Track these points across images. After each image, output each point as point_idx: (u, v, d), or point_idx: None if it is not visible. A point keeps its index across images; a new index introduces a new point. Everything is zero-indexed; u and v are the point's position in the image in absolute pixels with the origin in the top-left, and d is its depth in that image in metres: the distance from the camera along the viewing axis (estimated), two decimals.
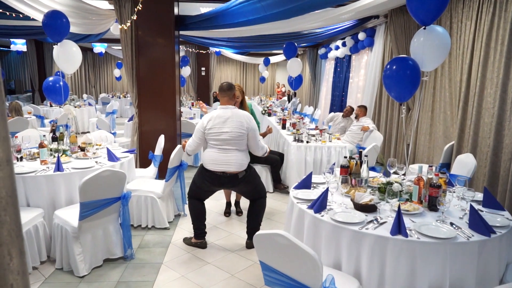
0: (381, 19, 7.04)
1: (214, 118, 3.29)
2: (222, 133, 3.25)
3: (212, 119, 3.29)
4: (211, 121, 3.28)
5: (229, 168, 3.29)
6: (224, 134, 3.24)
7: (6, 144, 0.76)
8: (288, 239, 1.76)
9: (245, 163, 3.37)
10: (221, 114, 3.29)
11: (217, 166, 3.29)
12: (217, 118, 3.28)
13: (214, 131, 3.27)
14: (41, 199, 3.24)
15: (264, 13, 4.83)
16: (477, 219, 2.14)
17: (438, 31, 3.10)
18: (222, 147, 3.28)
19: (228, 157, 3.28)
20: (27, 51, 13.02)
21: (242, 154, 3.33)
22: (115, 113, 10.34)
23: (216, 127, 3.26)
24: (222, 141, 3.26)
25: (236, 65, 19.73)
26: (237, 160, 3.29)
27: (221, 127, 3.25)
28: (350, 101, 9.11)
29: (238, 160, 3.30)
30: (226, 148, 3.28)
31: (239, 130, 3.24)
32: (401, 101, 3.28)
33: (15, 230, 0.80)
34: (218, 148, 3.29)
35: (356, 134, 6.26)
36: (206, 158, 3.35)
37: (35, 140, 4.52)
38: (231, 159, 3.28)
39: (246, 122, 3.28)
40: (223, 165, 3.28)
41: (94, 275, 3.06)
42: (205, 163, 3.36)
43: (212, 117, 3.30)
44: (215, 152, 3.30)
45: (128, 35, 5.48)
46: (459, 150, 4.58)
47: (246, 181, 3.42)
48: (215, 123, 3.27)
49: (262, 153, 3.45)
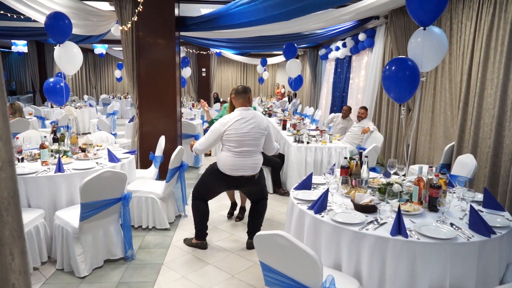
0: (381, 20, 7.05)
1: (235, 119, 3.25)
2: (244, 134, 3.23)
3: (232, 120, 3.24)
4: (231, 122, 3.23)
5: (246, 172, 3.32)
6: (246, 135, 3.24)
7: (8, 145, 0.77)
8: (288, 239, 1.76)
9: (261, 164, 3.45)
10: (244, 115, 3.28)
11: (235, 171, 3.29)
12: (239, 119, 3.24)
13: (235, 132, 3.22)
14: (42, 200, 3.25)
15: (266, 14, 4.84)
16: (477, 220, 2.14)
17: (436, 32, 3.11)
18: (240, 150, 3.24)
19: (246, 161, 3.29)
20: (28, 52, 13.05)
21: (259, 156, 3.40)
22: (116, 114, 10.36)
23: (239, 128, 3.23)
24: (241, 143, 3.23)
25: (236, 66, 19.75)
26: (254, 163, 3.34)
27: (243, 127, 3.23)
28: (350, 101, 9.11)
29: (255, 163, 3.36)
30: (244, 150, 3.25)
31: (259, 131, 3.29)
32: (400, 102, 3.29)
33: (17, 230, 0.81)
34: (235, 151, 3.25)
35: (356, 135, 6.26)
36: (224, 163, 3.30)
37: (36, 141, 4.52)
38: (248, 163, 3.30)
39: (265, 123, 3.38)
40: (241, 169, 3.29)
41: (95, 275, 3.07)
42: (223, 168, 3.31)
43: (230, 119, 3.26)
44: (232, 156, 3.26)
45: (129, 36, 5.49)
46: (460, 151, 4.58)
47: (258, 181, 3.49)
48: (237, 124, 3.23)
49: (275, 152, 3.59)
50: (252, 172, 3.35)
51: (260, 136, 3.32)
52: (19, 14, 5.58)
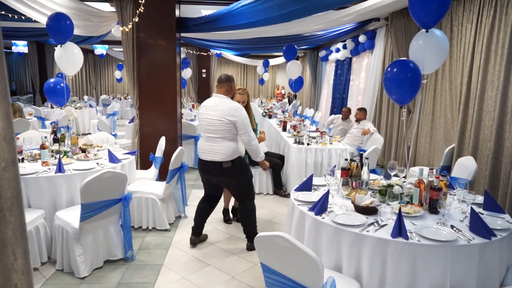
0: (382, 22, 7.06)
1: (203, 105, 3.43)
2: (206, 120, 3.33)
3: (202, 105, 3.44)
4: (200, 107, 3.45)
5: (214, 157, 3.33)
6: (208, 120, 3.31)
7: (12, 145, 0.77)
8: (289, 241, 1.76)
9: (232, 154, 3.32)
10: (212, 101, 3.37)
11: (205, 155, 3.38)
12: (206, 106, 3.39)
13: (201, 117, 3.39)
14: (42, 200, 3.25)
15: (266, 15, 4.85)
16: (478, 222, 2.14)
17: (437, 34, 3.11)
18: (209, 136, 3.34)
19: (214, 146, 3.33)
20: (29, 52, 13.05)
21: (229, 144, 3.31)
22: (116, 114, 10.36)
23: (203, 114, 3.37)
24: (207, 130, 3.34)
25: (236, 67, 19.76)
26: (221, 150, 3.31)
27: (207, 114, 3.33)
28: (350, 103, 9.12)
29: (223, 150, 3.31)
30: (212, 137, 3.33)
31: (220, 119, 3.26)
32: (401, 104, 3.29)
33: (19, 230, 0.81)
34: (206, 137, 3.38)
35: (356, 137, 6.26)
36: (198, 147, 3.48)
37: (37, 142, 4.52)
38: (216, 149, 3.32)
39: (232, 114, 3.25)
40: (210, 154, 3.35)
41: (95, 276, 3.06)
42: (198, 152, 3.47)
43: (203, 105, 3.44)
44: (203, 141, 3.41)
45: (129, 37, 5.49)
46: (460, 153, 4.59)
47: (231, 174, 3.38)
48: (203, 109, 3.40)
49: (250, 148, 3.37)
50: (220, 159, 3.32)
51: (220, 125, 3.26)
52: (20, 14, 5.58)
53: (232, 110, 3.26)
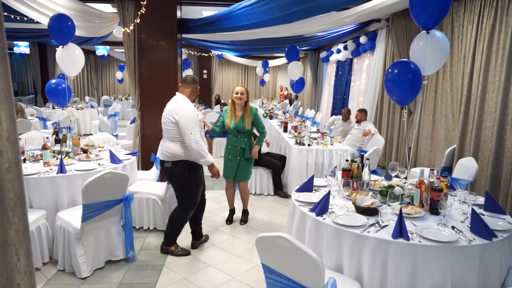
0: (383, 23, 7.06)
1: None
2: (162, 118, 3.37)
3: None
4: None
5: (160, 155, 3.42)
6: (162, 119, 3.36)
7: (15, 146, 0.77)
8: (290, 241, 1.76)
9: (172, 155, 3.26)
10: (170, 101, 3.38)
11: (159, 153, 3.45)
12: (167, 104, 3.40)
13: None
14: (44, 200, 3.26)
15: (267, 16, 4.85)
16: (479, 223, 2.15)
17: (438, 35, 3.12)
18: (163, 133, 3.39)
19: (161, 143, 3.43)
20: (30, 53, 13.08)
21: (172, 145, 3.27)
22: (117, 115, 10.37)
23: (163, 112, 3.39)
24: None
25: (238, 68, 19.77)
26: (163, 149, 3.35)
27: (163, 112, 3.37)
28: (351, 104, 9.11)
29: (165, 149, 3.34)
30: (164, 135, 3.39)
31: (166, 118, 3.29)
32: (402, 105, 3.29)
33: (22, 231, 0.81)
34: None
35: (357, 138, 6.26)
36: None
37: (38, 142, 4.54)
38: (162, 147, 3.40)
39: (176, 113, 3.19)
40: (159, 150, 3.42)
41: (96, 276, 3.07)
42: None
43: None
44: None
45: (131, 38, 5.51)
46: (461, 154, 4.58)
47: (169, 176, 3.39)
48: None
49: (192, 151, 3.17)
50: (162, 158, 3.38)
51: (165, 123, 3.30)
52: (22, 15, 5.60)
53: (177, 109, 3.20)
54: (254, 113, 4.05)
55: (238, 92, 3.93)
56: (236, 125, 4.00)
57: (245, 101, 3.99)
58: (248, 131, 4.04)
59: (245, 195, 4.29)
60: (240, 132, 4.02)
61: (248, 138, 4.07)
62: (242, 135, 4.04)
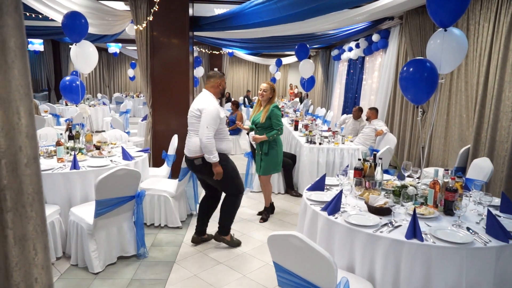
0: (396, 21, 6.97)
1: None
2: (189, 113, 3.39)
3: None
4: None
5: (186, 151, 3.41)
6: (188, 114, 3.38)
7: (34, 142, 0.78)
8: (303, 240, 1.75)
9: (196, 149, 3.28)
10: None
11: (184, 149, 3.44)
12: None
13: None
14: (57, 196, 3.30)
15: (280, 14, 4.84)
16: (495, 224, 2.10)
17: (456, 33, 3.06)
18: (188, 129, 3.40)
19: (187, 140, 3.40)
20: (44, 51, 13.27)
21: (194, 139, 3.31)
22: (129, 112, 10.47)
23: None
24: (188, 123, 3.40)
25: (248, 66, 19.77)
26: (190, 145, 3.34)
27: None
28: (363, 103, 9.04)
29: (189, 145, 3.34)
30: (189, 129, 3.39)
31: (192, 112, 3.31)
32: (417, 104, 3.24)
33: (40, 225, 0.82)
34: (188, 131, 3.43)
35: (368, 136, 6.21)
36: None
37: (52, 139, 4.60)
38: (188, 143, 3.38)
39: (201, 105, 3.24)
40: (186, 148, 3.40)
41: (108, 272, 3.10)
42: None
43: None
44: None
45: (143, 36, 5.54)
46: (475, 154, 4.51)
47: (203, 173, 3.39)
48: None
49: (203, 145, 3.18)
50: (189, 154, 3.36)
51: (191, 117, 3.32)
52: (37, 13, 5.68)
53: (203, 102, 3.27)
54: (271, 109, 4.06)
55: (261, 89, 4.12)
56: (254, 118, 4.19)
57: (270, 97, 4.10)
58: (264, 125, 4.07)
59: (265, 190, 4.34)
60: (258, 126, 4.14)
61: (267, 133, 4.08)
62: (259, 129, 4.13)
